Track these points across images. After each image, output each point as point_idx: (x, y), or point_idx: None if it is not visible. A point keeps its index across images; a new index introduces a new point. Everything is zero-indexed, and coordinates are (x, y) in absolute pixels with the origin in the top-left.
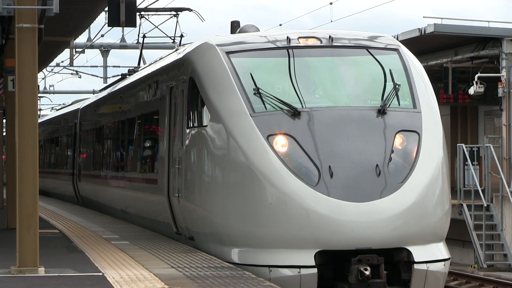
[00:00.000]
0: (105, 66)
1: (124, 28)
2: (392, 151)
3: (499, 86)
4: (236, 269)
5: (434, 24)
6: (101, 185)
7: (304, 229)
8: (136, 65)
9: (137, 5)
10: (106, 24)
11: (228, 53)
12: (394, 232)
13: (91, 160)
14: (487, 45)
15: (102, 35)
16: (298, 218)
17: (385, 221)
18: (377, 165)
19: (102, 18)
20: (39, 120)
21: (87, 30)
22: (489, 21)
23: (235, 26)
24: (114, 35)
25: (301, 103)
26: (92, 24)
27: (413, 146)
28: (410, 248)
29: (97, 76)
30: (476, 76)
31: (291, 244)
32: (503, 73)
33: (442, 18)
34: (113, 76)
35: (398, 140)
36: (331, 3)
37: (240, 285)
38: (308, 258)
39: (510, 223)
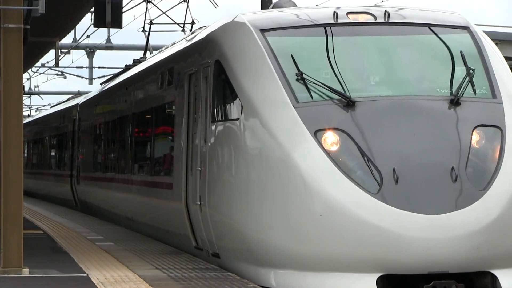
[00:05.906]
0: (90, 67)
1: (110, 29)
2: (470, 151)
3: None
4: (221, 271)
5: None
6: (104, 188)
7: (363, 247)
8: (123, 66)
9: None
10: (92, 25)
11: (262, 30)
12: (475, 252)
13: (92, 161)
14: None
15: (88, 36)
16: (355, 234)
17: (464, 239)
18: (452, 168)
19: (88, 19)
20: (33, 118)
21: (72, 31)
22: (485, 25)
23: (266, 2)
24: (99, 36)
25: (355, 92)
26: (77, 24)
27: (495, 145)
28: (495, 272)
29: (82, 77)
30: None
31: (346, 267)
32: None
33: None
34: (98, 77)
35: (476, 137)
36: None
37: (225, 286)
38: (368, 284)
39: None
